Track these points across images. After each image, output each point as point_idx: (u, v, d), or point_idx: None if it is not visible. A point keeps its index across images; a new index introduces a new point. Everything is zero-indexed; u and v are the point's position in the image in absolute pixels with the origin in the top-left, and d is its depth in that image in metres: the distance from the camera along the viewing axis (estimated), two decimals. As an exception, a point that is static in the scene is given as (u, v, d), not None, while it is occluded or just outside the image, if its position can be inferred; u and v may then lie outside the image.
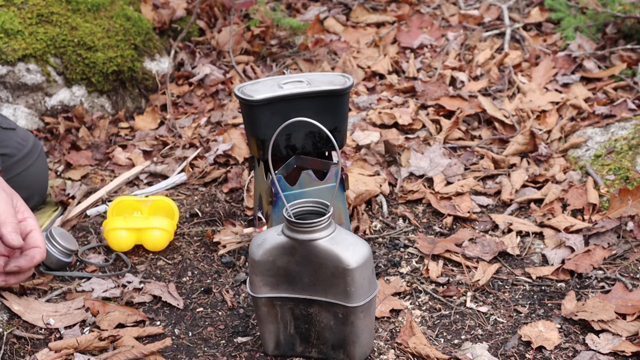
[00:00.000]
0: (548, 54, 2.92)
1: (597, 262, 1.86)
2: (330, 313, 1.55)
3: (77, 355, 1.62)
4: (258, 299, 1.56)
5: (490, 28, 3.20)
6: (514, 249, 1.94)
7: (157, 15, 2.96)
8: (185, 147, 2.48)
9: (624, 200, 1.97)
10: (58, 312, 1.77)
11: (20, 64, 2.48)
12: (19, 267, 1.59)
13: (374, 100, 2.68)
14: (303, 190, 1.83)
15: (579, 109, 2.52)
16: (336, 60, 3.01)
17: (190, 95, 2.81)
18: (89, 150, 2.50)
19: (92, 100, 2.64)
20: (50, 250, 1.88)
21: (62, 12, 2.61)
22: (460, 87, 2.76)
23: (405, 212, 2.11)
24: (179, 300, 1.81)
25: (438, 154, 2.30)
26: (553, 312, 1.74)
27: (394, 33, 3.19)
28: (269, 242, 1.52)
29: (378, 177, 2.22)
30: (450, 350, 1.64)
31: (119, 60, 2.65)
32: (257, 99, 1.77)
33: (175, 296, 1.82)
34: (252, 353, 1.65)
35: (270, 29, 3.07)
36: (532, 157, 2.30)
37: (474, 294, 1.81)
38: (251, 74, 2.88)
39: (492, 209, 2.13)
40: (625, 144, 2.24)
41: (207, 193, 2.25)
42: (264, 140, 1.81)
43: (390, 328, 1.71)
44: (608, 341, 1.63)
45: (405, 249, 1.98)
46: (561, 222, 1.99)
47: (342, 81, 1.82)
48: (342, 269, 1.48)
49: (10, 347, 1.67)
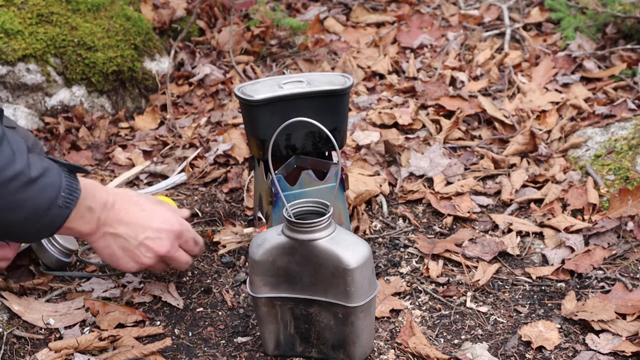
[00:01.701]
0: (548, 54, 2.92)
1: (597, 262, 1.86)
2: (330, 313, 1.55)
3: (77, 355, 1.62)
4: (258, 299, 1.56)
5: (490, 28, 3.20)
6: (514, 249, 1.94)
7: (157, 15, 2.96)
8: (185, 147, 2.48)
9: (624, 200, 1.97)
10: (58, 312, 1.77)
11: (20, 64, 2.48)
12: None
13: (374, 100, 2.68)
14: (303, 190, 1.83)
15: (579, 109, 2.52)
16: (336, 60, 3.01)
17: (190, 95, 2.81)
18: (89, 150, 2.50)
19: (92, 100, 2.64)
20: (50, 250, 1.88)
21: (62, 12, 2.61)
22: (460, 87, 2.76)
23: (405, 212, 2.11)
24: (179, 300, 1.81)
25: (438, 154, 2.30)
26: (553, 312, 1.74)
27: (394, 33, 3.19)
28: (269, 242, 1.52)
29: (378, 177, 2.22)
30: (450, 350, 1.64)
31: (119, 60, 2.65)
32: (257, 99, 1.77)
33: (175, 296, 1.82)
34: (252, 353, 1.65)
35: (270, 29, 3.07)
36: (532, 157, 2.30)
37: (474, 294, 1.81)
38: (251, 74, 2.88)
39: (492, 209, 2.13)
40: (625, 144, 2.24)
41: (207, 193, 2.25)
42: (264, 140, 1.81)
43: (390, 328, 1.71)
44: (608, 341, 1.63)
45: (405, 249, 1.98)
46: (561, 222, 1.99)
47: (342, 81, 1.82)
48: (342, 269, 1.48)
49: (10, 347, 1.67)
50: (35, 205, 1.48)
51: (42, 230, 1.53)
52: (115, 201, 1.64)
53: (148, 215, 1.67)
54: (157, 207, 1.71)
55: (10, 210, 1.47)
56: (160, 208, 1.71)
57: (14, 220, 1.49)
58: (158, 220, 1.68)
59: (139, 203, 1.68)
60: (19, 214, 1.48)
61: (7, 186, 1.44)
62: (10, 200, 1.46)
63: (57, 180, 1.51)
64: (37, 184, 1.47)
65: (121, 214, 1.64)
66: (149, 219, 1.67)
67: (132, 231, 1.65)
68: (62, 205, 1.51)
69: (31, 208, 1.48)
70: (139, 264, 1.68)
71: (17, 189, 1.45)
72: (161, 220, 1.69)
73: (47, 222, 1.52)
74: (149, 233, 1.66)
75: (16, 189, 1.45)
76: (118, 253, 1.66)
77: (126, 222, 1.64)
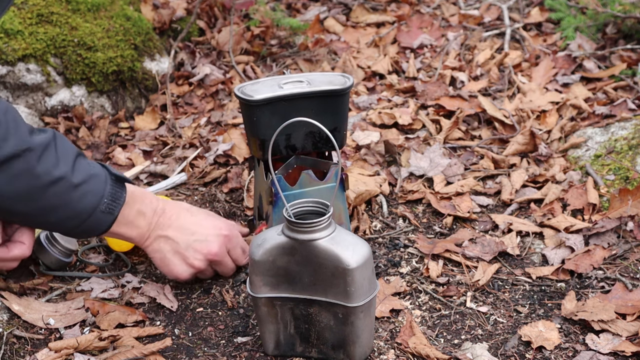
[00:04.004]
0: (548, 54, 2.92)
1: (597, 262, 1.86)
2: (330, 313, 1.55)
3: (77, 355, 1.62)
4: (258, 299, 1.56)
5: (490, 28, 3.20)
6: (514, 249, 1.94)
7: (157, 15, 2.96)
8: (185, 147, 2.48)
9: (624, 200, 1.97)
10: (58, 312, 1.77)
11: (20, 64, 2.48)
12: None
13: (374, 100, 2.68)
14: (303, 190, 1.83)
15: (579, 109, 2.52)
16: (336, 60, 3.01)
17: (190, 95, 2.81)
18: (89, 150, 2.50)
19: (92, 100, 2.64)
20: (50, 250, 1.88)
21: (62, 12, 2.61)
22: (460, 87, 2.76)
23: (405, 212, 2.11)
24: (174, 302, 1.80)
25: (438, 154, 2.30)
26: (553, 312, 1.74)
27: (394, 33, 3.19)
28: (269, 242, 1.52)
29: (378, 177, 2.22)
30: (450, 350, 1.64)
31: (119, 60, 2.65)
32: (257, 99, 1.77)
33: (170, 298, 1.81)
34: (252, 353, 1.66)
35: (270, 29, 3.07)
36: (532, 157, 2.30)
37: (474, 294, 1.81)
38: (251, 74, 2.88)
39: (492, 209, 2.13)
40: (625, 144, 2.24)
41: (207, 193, 2.25)
42: (264, 140, 1.81)
43: (390, 328, 1.71)
44: (608, 341, 1.63)
45: (405, 249, 1.98)
46: (561, 222, 1.99)
47: (342, 81, 1.82)
48: (342, 269, 1.48)
49: (10, 347, 1.67)
50: (77, 208, 1.60)
51: (88, 231, 1.66)
52: (166, 207, 1.74)
53: (198, 220, 1.76)
54: (208, 214, 1.81)
55: (52, 211, 1.59)
56: (210, 215, 1.81)
57: (57, 220, 1.62)
58: (207, 225, 1.76)
59: (190, 210, 1.78)
60: (60, 214, 1.60)
61: (49, 189, 1.56)
62: (52, 203, 1.58)
63: (101, 187, 1.62)
64: (79, 189, 1.58)
65: (172, 218, 1.73)
66: (198, 224, 1.75)
67: (182, 234, 1.74)
68: (104, 211, 1.63)
69: (73, 210, 1.60)
70: (190, 266, 1.76)
71: (59, 193, 1.57)
72: (211, 225, 1.77)
73: (92, 225, 1.64)
74: (198, 236, 1.74)
75: (57, 193, 1.57)
76: (169, 256, 1.75)
77: (177, 226, 1.73)
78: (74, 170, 1.58)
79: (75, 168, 1.58)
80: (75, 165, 1.59)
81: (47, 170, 1.55)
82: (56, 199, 1.58)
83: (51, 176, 1.55)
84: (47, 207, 1.59)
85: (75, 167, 1.58)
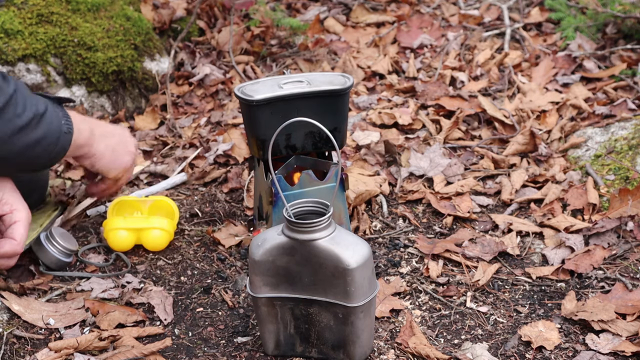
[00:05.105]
0: (548, 54, 2.92)
1: (597, 262, 1.86)
2: (330, 313, 1.55)
3: (77, 355, 1.62)
4: (258, 299, 1.56)
5: (490, 28, 3.20)
6: (514, 249, 1.94)
7: (157, 15, 2.96)
8: (185, 147, 2.48)
9: (624, 200, 1.97)
10: (58, 312, 1.77)
11: (20, 64, 2.48)
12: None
13: (374, 100, 2.68)
14: (303, 190, 1.83)
15: (579, 109, 2.52)
16: (336, 60, 3.01)
17: (190, 95, 2.81)
18: (89, 150, 2.50)
19: (92, 100, 2.64)
20: (50, 250, 1.88)
21: (62, 12, 2.61)
22: (460, 87, 2.76)
23: (405, 212, 2.11)
24: (169, 316, 1.77)
25: (438, 154, 2.30)
26: (553, 312, 1.74)
27: (394, 33, 3.19)
28: (269, 242, 1.52)
29: (378, 177, 2.22)
30: (450, 350, 1.64)
31: (119, 60, 2.65)
32: (257, 99, 1.77)
33: (167, 311, 1.78)
34: (252, 353, 1.66)
35: (270, 29, 3.07)
36: (532, 157, 2.30)
37: (474, 294, 1.81)
38: (251, 74, 2.88)
39: (492, 209, 2.13)
40: (625, 144, 2.24)
41: (207, 193, 2.25)
42: (264, 140, 1.81)
43: (390, 328, 1.71)
44: (608, 341, 1.63)
45: (405, 249, 1.98)
46: (561, 222, 1.99)
47: (342, 81, 1.82)
48: (342, 269, 1.48)
49: (10, 347, 1.67)
50: (49, 136, 1.68)
51: (55, 157, 1.74)
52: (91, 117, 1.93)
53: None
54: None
55: (31, 147, 1.66)
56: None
57: (32, 155, 1.68)
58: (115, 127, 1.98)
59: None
60: (37, 149, 1.67)
61: (26, 128, 1.63)
62: (31, 138, 1.65)
63: (57, 111, 1.72)
64: (46, 117, 1.67)
65: (94, 120, 1.92)
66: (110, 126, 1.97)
67: (111, 130, 1.91)
68: (66, 132, 1.73)
69: (46, 139, 1.68)
70: (131, 153, 1.93)
71: (34, 127, 1.64)
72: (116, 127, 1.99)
73: (59, 149, 1.72)
74: (118, 130, 1.95)
75: (33, 128, 1.64)
76: (118, 148, 1.90)
77: (103, 125, 1.92)
78: (37, 103, 1.66)
79: (37, 101, 1.66)
80: (34, 99, 1.66)
81: (20, 113, 1.61)
82: (33, 133, 1.65)
83: (26, 116, 1.63)
84: (28, 144, 1.65)
85: (36, 100, 1.66)
